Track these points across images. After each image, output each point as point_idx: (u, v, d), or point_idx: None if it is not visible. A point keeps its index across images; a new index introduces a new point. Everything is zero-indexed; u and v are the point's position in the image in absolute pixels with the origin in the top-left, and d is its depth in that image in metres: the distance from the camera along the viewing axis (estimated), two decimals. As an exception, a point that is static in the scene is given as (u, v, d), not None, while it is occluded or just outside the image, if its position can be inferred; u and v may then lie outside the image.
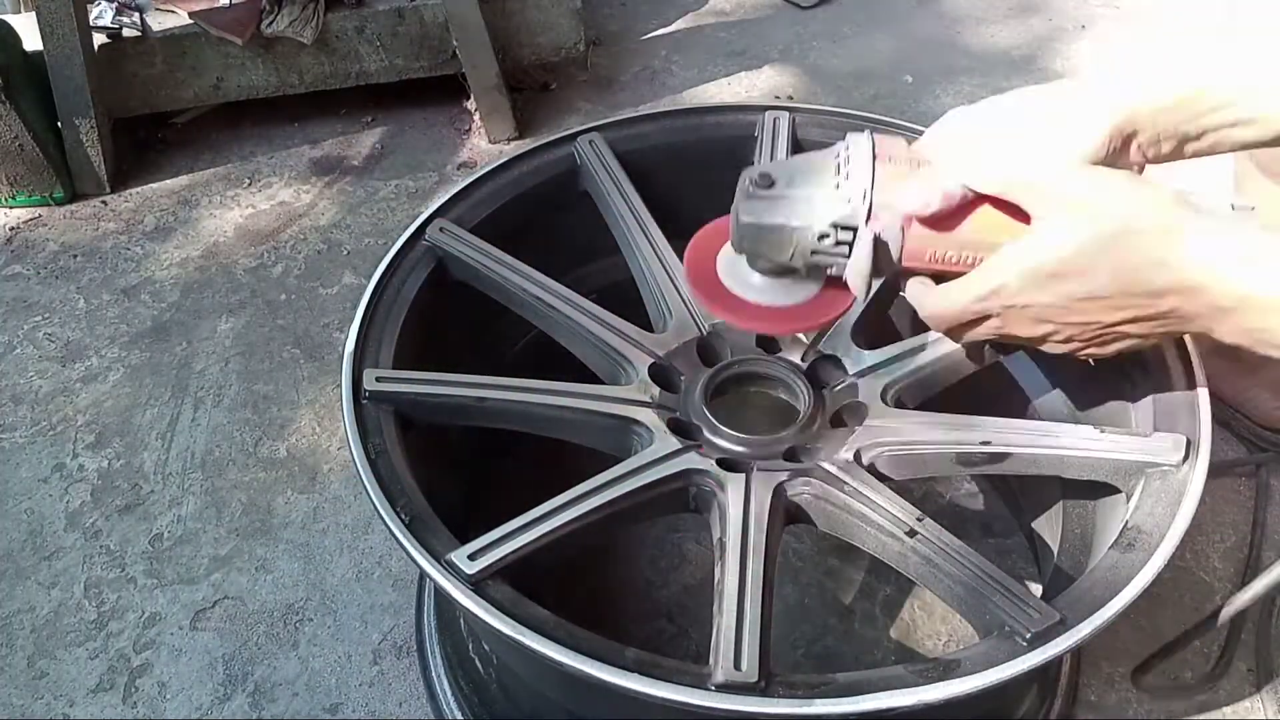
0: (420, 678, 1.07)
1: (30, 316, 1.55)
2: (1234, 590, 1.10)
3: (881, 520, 0.75)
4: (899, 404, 0.85)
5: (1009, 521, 1.16)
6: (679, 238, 0.94)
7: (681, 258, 0.93)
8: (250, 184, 1.79)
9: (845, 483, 0.77)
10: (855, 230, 0.66)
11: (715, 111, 1.03)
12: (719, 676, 0.64)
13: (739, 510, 0.74)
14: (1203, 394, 0.78)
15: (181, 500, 1.28)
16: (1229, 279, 0.57)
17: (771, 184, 0.68)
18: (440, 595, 0.96)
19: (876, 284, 0.70)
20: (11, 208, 1.73)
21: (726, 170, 1.01)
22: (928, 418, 0.83)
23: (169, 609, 1.16)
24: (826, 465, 0.79)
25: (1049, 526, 1.01)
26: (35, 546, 1.24)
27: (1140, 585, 0.67)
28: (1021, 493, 1.10)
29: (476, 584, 0.67)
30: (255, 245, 1.65)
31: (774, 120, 0.99)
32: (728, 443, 0.81)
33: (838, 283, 0.71)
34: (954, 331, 0.69)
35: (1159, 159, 0.66)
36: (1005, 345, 0.74)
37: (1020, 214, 0.64)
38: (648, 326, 0.91)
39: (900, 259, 0.67)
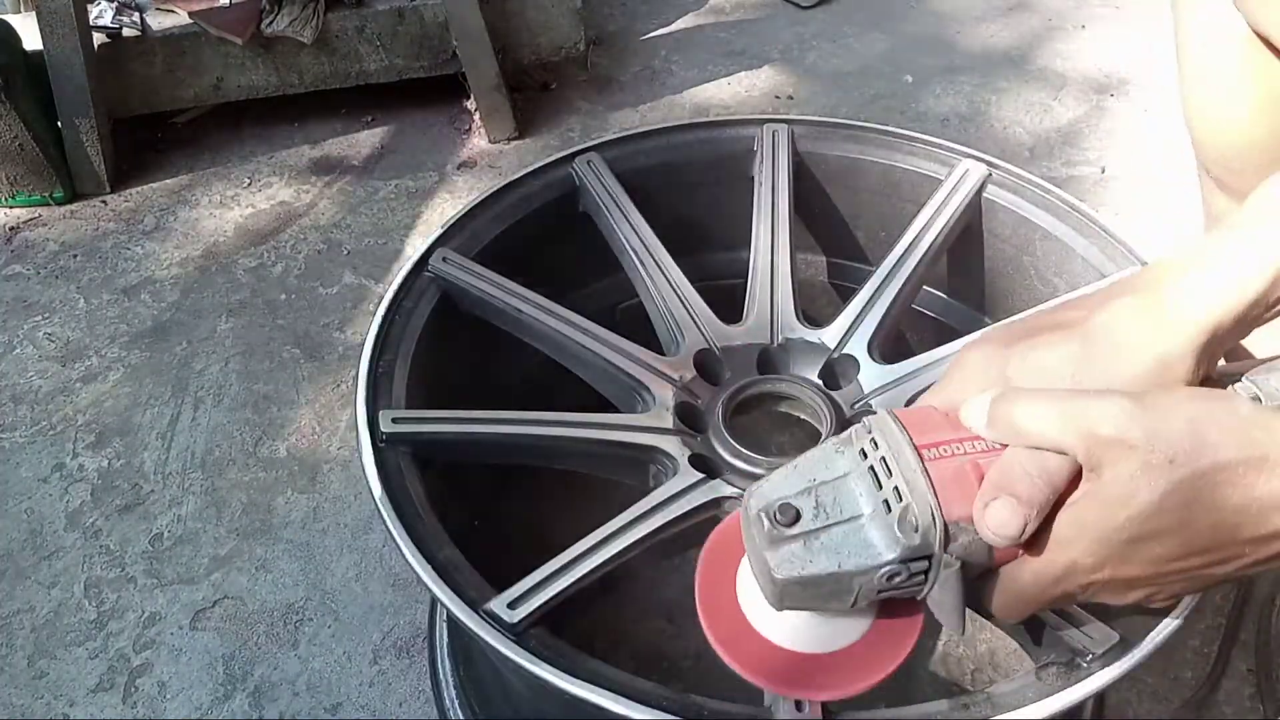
0: (428, 673, 1.07)
1: (30, 316, 1.55)
2: (1233, 589, 1.10)
3: None
4: None
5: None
6: (683, 255, 0.93)
7: (688, 273, 0.92)
8: (250, 184, 1.79)
9: None
10: (930, 557, 0.51)
11: (712, 126, 1.02)
12: (782, 717, 0.62)
13: None
14: None
15: (181, 500, 1.28)
16: None
17: (797, 517, 0.52)
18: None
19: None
20: (11, 207, 1.73)
21: (727, 185, 1.00)
22: None
23: (169, 609, 1.16)
24: None
25: None
26: (35, 546, 1.24)
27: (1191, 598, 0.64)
28: None
29: (520, 634, 0.65)
30: (255, 245, 1.66)
31: (773, 134, 0.98)
32: (752, 468, 0.79)
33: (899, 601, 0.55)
34: (1037, 615, 0.57)
35: (1234, 342, 0.56)
36: None
37: None
38: (657, 346, 0.89)
39: (992, 564, 0.53)
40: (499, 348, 0.93)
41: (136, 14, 1.75)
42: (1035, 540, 0.51)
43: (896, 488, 0.51)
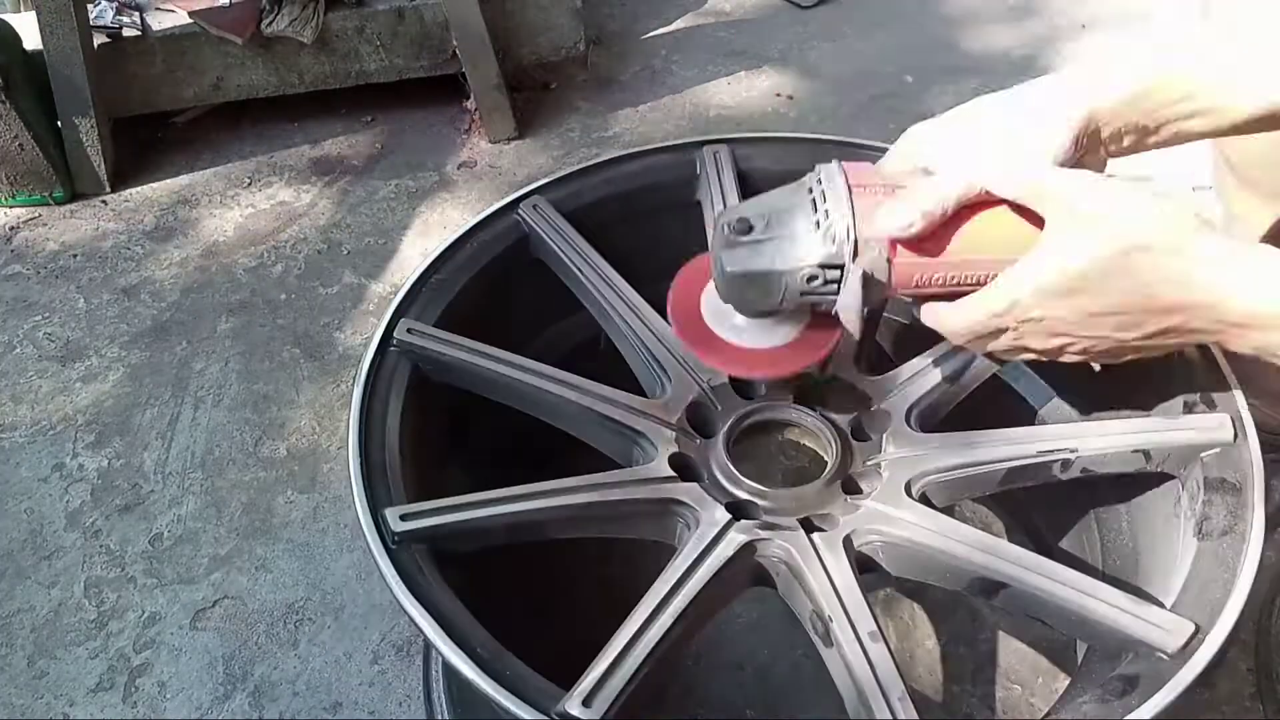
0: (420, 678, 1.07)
1: (30, 316, 1.55)
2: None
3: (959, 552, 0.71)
4: (922, 425, 0.81)
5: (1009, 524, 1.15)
6: (642, 285, 0.89)
7: (655, 307, 0.87)
8: (250, 184, 1.79)
9: (905, 520, 0.73)
10: (842, 268, 0.65)
11: (653, 154, 0.98)
12: None
13: (822, 579, 0.70)
14: (1228, 372, 0.76)
15: (181, 500, 1.28)
16: (1237, 298, 0.58)
17: (750, 228, 0.66)
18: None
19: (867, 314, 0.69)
20: (11, 207, 1.74)
21: (677, 211, 0.97)
22: (950, 438, 0.79)
23: (169, 609, 1.17)
24: (878, 505, 0.74)
25: (1078, 540, 0.98)
26: (35, 546, 1.24)
27: (1250, 570, 0.65)
28: (1046, 511, 1.05)
29: None
30: (255, 245, 1.66)
31: (714, 154, 0.95)
32: (772, 503, 0.76)
33: (824, 315, 0.69)
34: (971, 344, 0.68)
35: (1121, 152, 0.69)
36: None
37: (1018, 225, 0.64)
38: (637, 389, 0.85)
39: (891, 287, 0.66)
40: (485, 411, 0.87)
41: (136, 14, 1.75)
42: (932, 244, 0.64)
43: (826, 210, 0.64)
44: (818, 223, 0.65)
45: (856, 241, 0.64)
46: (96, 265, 1.63)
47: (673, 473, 0.77)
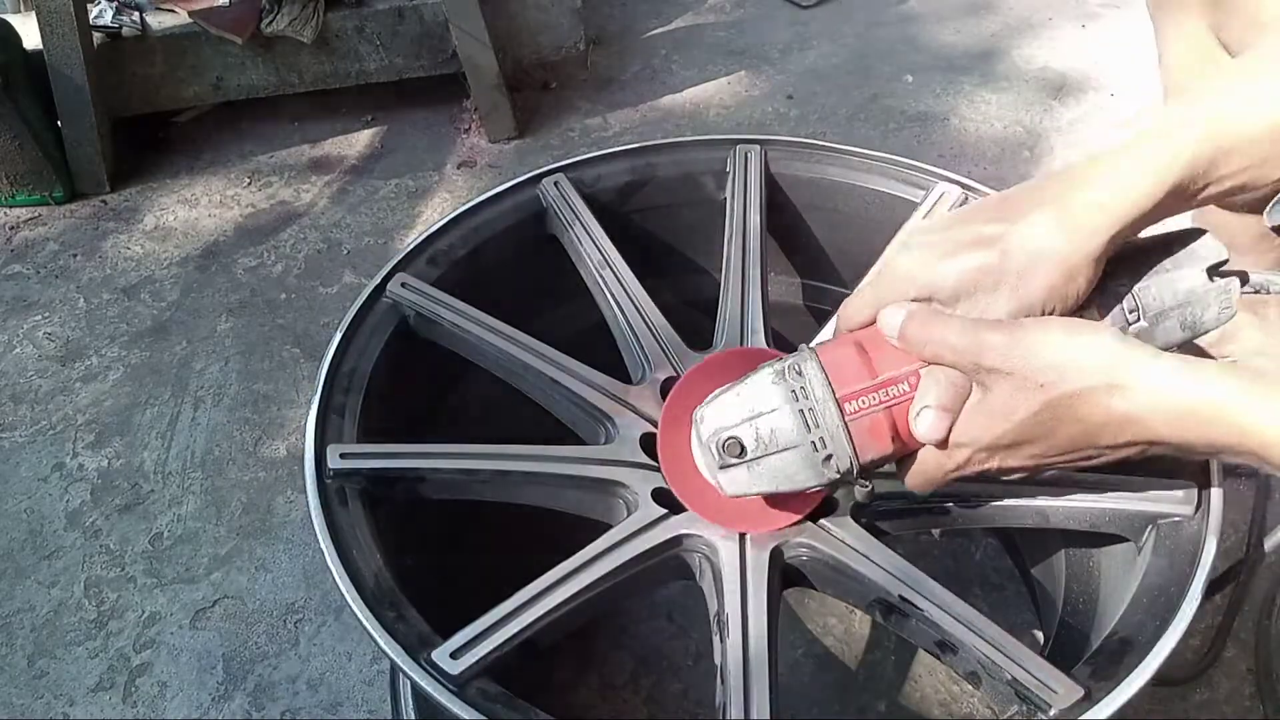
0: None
1: (30, 316, 1.55)
2: (1230, 588, 1.10)
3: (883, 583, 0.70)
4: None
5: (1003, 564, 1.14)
6: (652, 277, 0.89)
7: (656, 297, 0.87)
8: (250, 183, 1.79)
9: (843, 542, 0.72)
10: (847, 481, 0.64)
11: (684, 147, 0.98)
12: None
13: (735, 580, 0.69)
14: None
15: (181, 499, 1.28)
16: (1184, 429, 0.55)
17: (741, 448, 0.63)
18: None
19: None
20: (11, 207, 1.74)
21: (698, 207, 0.98)
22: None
23: (169, 608, 1.17)
24: (823, 522, 0.73)
25: (1049, 575, 0.97)
26: (35, 546, 1.24)
27: (1163, 652, 0.63)
28: (1020, 540, 1.06)
29: (462, 685, 0.62)
30: (255, 244, 1.66)
31: (745, 154, 0.95)
32: None
33: None
34: (942, 488, 0.67)
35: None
36: None
37: None
38: (623, 373, 0.85)
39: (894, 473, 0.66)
40: (460, 375, 0.88)
41: (136, 14, 1.75)
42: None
43: (822, 438, 0.62)
44: (814, 444, 0.62)
45: (861, 468, 0.62)
46: (96, 265, 1.63)
47: (628, 457, 0.76)
